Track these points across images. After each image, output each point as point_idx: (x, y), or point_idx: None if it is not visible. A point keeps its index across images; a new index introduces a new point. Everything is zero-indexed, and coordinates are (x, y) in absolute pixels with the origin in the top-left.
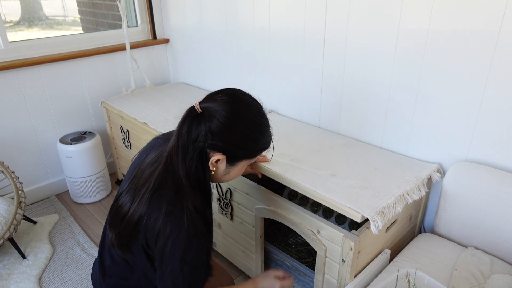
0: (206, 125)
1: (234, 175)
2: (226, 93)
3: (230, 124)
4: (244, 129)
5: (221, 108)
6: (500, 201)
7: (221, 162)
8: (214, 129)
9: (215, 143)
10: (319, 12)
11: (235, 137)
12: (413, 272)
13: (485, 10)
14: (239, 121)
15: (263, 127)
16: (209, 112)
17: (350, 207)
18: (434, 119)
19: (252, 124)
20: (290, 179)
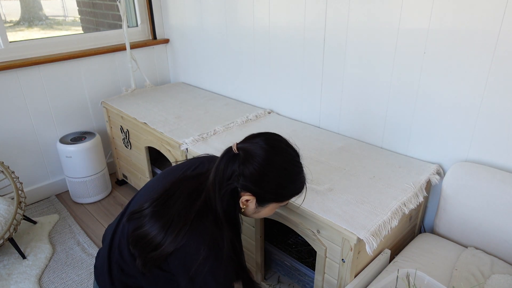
0: (240, 167)
1: (264, 214)
2: (263, 138)
3: (262, 170)
4: (275, 177)
5: (256, 153)
6: (500, 201)
7: (250, 202)
8: (246, 173)
9: (247, 184)
10: (319, 12)
11: (265, 183)
12: (413, 272)
13: (485, 10)
14: (271, 169)
15: (294, 175)
16: (245, 154)
17: (346, 229)
18: (434, 119)
19: (283, 173)
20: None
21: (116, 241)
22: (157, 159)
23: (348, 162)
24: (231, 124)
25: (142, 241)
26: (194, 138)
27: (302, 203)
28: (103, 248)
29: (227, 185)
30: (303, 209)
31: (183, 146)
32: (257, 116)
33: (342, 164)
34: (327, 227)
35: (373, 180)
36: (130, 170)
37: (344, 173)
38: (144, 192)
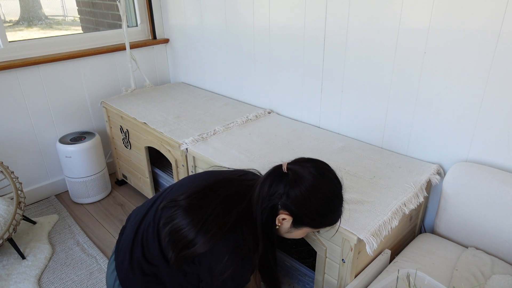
0: (286, 187)
1: (295, 235)
2: (314, 164)
3: (307, 195)
4: (317, 204)
5: (304, 177)
6: (501, 201)
7: (286, 221)
8: (291, 194)
9: (288, 204)
10: (319, 12)
11: (306, 207)
12: (414, 272)
13: (485, 10)
14: (316, 195)
15: (335, 206)
16: (293, 176)
17: (346, 229)
18: (434, 119)
19: (326, 201)
20: None
21: (146, 224)
22: (157, 159)
23: (348, 162)
24: (231, 124)
25: (175, 235)
26: (194, 138)
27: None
28: (129, 227)
29: (269, 200)
30: None
31: (183, 146)
32: (257, 116)
33: (342, 164)
34: (327, 227)
35: (373, 180)
36: (130, 170)
37: (344, 173)
38: (185, 183)
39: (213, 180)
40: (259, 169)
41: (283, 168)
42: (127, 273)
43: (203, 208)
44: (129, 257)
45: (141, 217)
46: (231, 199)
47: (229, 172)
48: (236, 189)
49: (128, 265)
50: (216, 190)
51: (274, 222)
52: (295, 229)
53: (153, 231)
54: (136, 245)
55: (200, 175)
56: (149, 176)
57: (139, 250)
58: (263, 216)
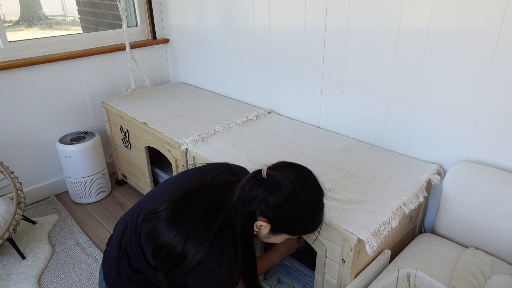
0: (265, 193)
1: (274, 241)
2: (295, 171)
3: (285, 203)
4: (295, 212)
5: (283, 185)
6: (501, 201)
7: (264, 227)
8: (269, 201)
9: (266, 211)
10: (319, 11)
11: (284, 215)
12: (414, 272)
13: (485, 10)
14: (294, 203)
15: (314, 214)
16: (272, 182)
17: (346, 229)
18: (434, 119)
19: (305, 210)
20: None
21: (128, 235)
22: (157, 159)
23: (348, 162)
24: (231, 124)
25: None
26: (194, 138)
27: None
28: (115, 236)
29: (247, 206)
30: None
31: (183, 146)
32: (257, 116)
33: (342, 164)
34: (327, 227)
35: (373, 180)
36: (129, 170)
37: (344, 173)
38: (161, 190)
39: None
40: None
41: (263, 174)
42: (115, 282)
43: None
44: (116, 266)
45: (124, 227)
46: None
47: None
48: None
49: (115, 275)
50: (195, 199)
51: (252, 227)
52: (274, 236)
53: (136, 244)
54: (121, 255)
55: (175, 180)
56: (149, 176)
57: (124, 260)
58: (241, 221)
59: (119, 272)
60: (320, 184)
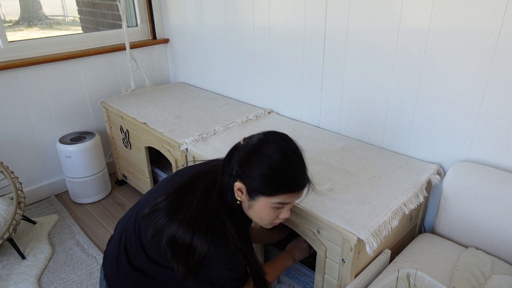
0: (238, 154)
1: (258, 212)
2: (266, 132)
3: (249, 155)
4: (260, 164)
5: (251, 141)
6: (501, 201)
7: (242, 192)
8: (239, 158)
9: (238, 170)
10: (319, 11)
11: (251, 169)
12: (414, 272)
13: (485, 10)
14: (258, 155)
15: (282, 168)
16: (244, 143)
17: (346, 229)
18: (434, 119)
19: (270, 162)
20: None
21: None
22: (157, 159)
23: (348, 162)
24: (231, 124)
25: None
26: (194, 138)
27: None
28: (115, 235)
29: (228, 173)
30: (303, 209)
31: (183, 146)
32: (257, 116)
33: (342, 164)
34: (327, 227)
35: (373, 180)
36: (130, 170)
37: (344, 173)
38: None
39: (187, 178)
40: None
41: (240, 141)
42: (115, 280)
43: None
44: (116, 264)
45: (124, 226)
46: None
47: (201, 165)
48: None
49: (115, 272)
50: (192, 186)
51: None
52: (253, 201)
53: (136, 241)
54: (120, 252)
55: (172, 177)
56: (149, 176)
57: (124, 257)
58: (228, 192)
59: (119, 269)
60: (294, 141)
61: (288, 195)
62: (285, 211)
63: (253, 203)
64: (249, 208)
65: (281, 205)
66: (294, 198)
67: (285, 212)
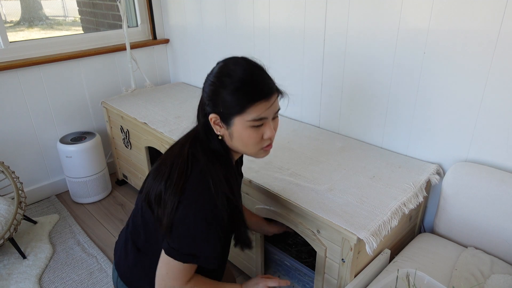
0: (204, 92)
1: (240, 137)
2: (222, 59)
3: (214, 82)
4: (224, 84)
5: (213, 72)
6: (500, 201)
7: (218, 122)
8: (206, 93)
9: (209, 103)
10: (319, 12)
11: (217, 93)
12: (413, 272)
13: (485, 10)
14: (221, 77)
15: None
16: (206, 79)
17: (346, 229)
18: (434, 119)
19: (232, 78)
20: (288, 200)
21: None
22: (157, 159)
23: (348, 162)
24: None
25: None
26: None
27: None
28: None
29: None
30: (303, 209)
31: None
32: None
33: (342, 164)
34: (327, 227)
35: (373, 180)
36: (130, 170)
37: (344, 173)
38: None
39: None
40: (258, 168)
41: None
42: (125, 268)
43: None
44: (124, 250)
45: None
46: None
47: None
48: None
49: (124, 259)
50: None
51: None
52: (231, 128)
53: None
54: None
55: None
56: None
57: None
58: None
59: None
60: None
61: (258, 106)
62: (267, 129)
63: (232, 130)
64: (231, 138)
65: (258, 122)
66: (267, 110)
67: (267, 130)
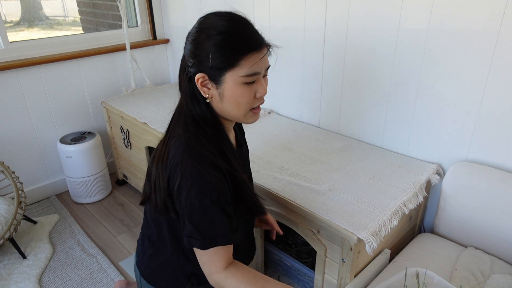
0: (185, 51)
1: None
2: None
3: (196, 38)
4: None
5: (193, 29)
6: (500, 201)
7: (207, 83)
8: (187, 51)
9: (192, 62)
10: (319, 12)
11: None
12: (423, 271)
13: (485, 10)
14: (205, 30)
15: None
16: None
17: (346, 229)
18: (434, 119)
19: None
20: (288, 200)
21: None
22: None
23: (348, 162)
24: None
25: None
26: None
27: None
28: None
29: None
30: (303, 209)
31: None
32: None
33: (342, 164)
34: (327, 227)
35: (373, 180)
36: (130, 170)
37: (344, 173)
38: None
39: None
40: (258, 168)
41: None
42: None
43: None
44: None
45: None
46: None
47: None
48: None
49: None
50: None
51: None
52: (221, 86)
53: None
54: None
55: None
56: None
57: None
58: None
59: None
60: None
61: (251, 58)
62: (260, 87)
63: (223, 88)
64: (221, 99)
65: (252, 78)
66: (260, 63)
67: (260, 87)
